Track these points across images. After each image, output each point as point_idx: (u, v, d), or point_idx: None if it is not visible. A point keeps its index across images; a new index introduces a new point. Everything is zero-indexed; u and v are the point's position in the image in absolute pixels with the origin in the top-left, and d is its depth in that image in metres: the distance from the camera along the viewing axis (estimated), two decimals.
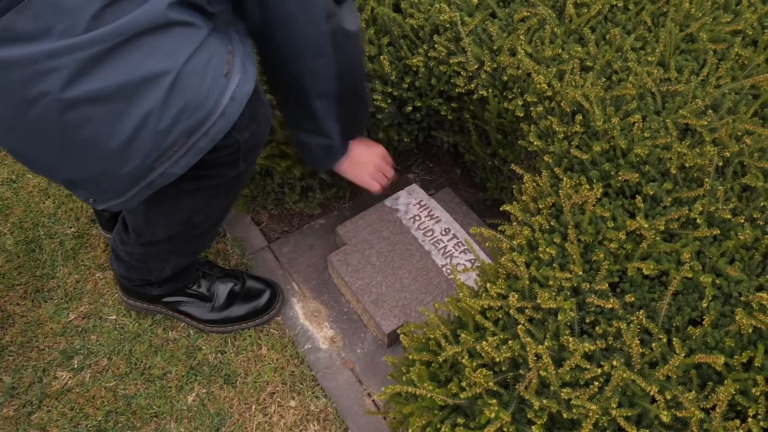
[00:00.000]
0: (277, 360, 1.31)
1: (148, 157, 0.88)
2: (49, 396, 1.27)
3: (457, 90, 1.29)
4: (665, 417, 0.82)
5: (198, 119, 0.88)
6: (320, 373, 1.30)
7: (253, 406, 1.25)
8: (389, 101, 1.32)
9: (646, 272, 0.95)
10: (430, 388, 0.91)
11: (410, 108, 1.35)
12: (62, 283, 1.45)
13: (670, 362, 0.86)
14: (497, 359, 0.89)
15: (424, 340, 1.02)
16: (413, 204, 1.47)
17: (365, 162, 1.30)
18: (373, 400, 1.26)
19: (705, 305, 0.93)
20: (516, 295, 0.96)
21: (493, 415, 0.86)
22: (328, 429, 1.22)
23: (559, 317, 0.93)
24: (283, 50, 1.01)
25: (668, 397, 0.85)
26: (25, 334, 1.37)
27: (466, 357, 0.92)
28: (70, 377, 1.30)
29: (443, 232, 1.42)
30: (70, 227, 1.56)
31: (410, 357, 0.97)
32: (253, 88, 0.95)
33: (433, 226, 1.43)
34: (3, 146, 0.89)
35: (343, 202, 1.61)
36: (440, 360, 0.91)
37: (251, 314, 1.34)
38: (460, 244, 1.40)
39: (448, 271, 1.36)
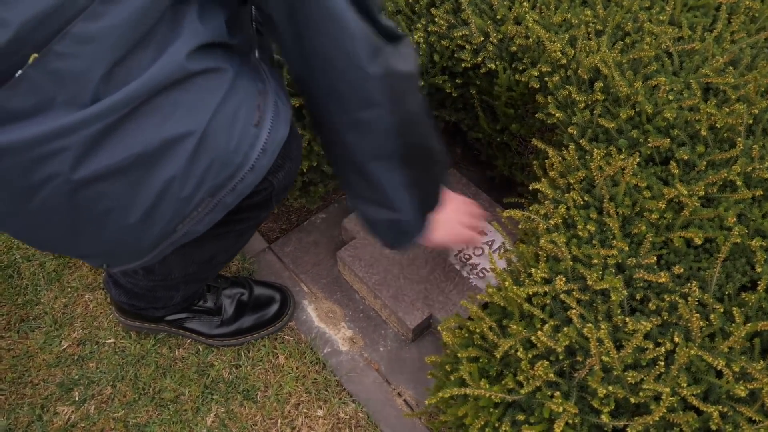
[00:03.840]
0: (297, 368, 1.23)
1: (169, 224, 0.78)
2: None
3: (462, 65, 1.22)
4: (741, 391, 0.79)
5: (224, 178, 0.77)
6: (344, 377, 1.22)
7: (279, 421, 1.17)
8: None
9: (697, 241, 0.91)
10: (487, 386, 0.86)
11: None
12: (49, 309, 1.32)
13: (736, 333, 0.83)
14: (557, 349, 0.84)
15: (466, 335, 0.96)
16: None
17: (450, 222, 1.06)
18: (404, 400, 1.20)
19: (759, 270, 0.89)
20: (563, 278, 0.90)
21: (560, 409, 0.80)
22: None
23: (613, 297, 0.88)
24: (326, 100, 0.82)
25: (736, 369, 0.81)
26: (15, 369, 1.24)
27: (521, 349, 0.86)
28: (72, 411, 1.19)
29: None
30: None
31: (459, 355, 0.90)
32: (287, 133, 0.83)
33: None
34: (3, 231, 0.77)
35: (342, 194, 1.52)
36: (498, 355, 0.85)
37: (264, 323, 1.25)
38: None
39: (466, 256, 1.29)
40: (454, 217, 1.08)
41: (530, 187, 1.04)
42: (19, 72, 0.62)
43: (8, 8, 0.59)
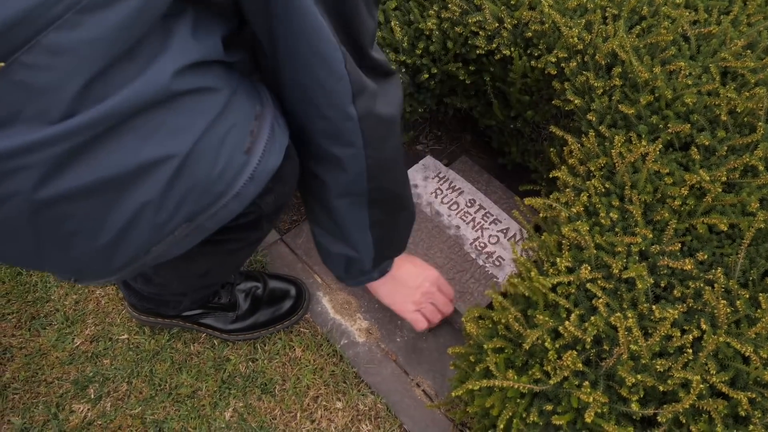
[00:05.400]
0: (314, 361, 1.23)
1: (142, 248, 0.72)
2: None
3: (477, 51, 1.20)
4: None
5: (204, 204, 0.71)
6: (362, 369, 1.22)
7: (298, 414, 1.17)
8: (403, 70, 1.22)
9: (722, 227, 0.91)
10: (515, 378, 0.85)
11: (426, 75, 1.25)
12: (60, 306, 1.31)
13: (763, 319, 0.82)
14: (585, 339, 0.84)
15: (490, 325, 0.95)
16: (432, 177, 1.39)
17: (411, 287, 1.07)
18: (423, 390, 1.19)
19: None
20: (588, 267, 0.90)
21: (590, 399, 0.80)
22: (382, 427, 1.15)
23: (639, 285, 0.88)
24: (302, 130, 0.80)
25: (764, 355, 0.81)
26: (28, 367, 1.23)
27: (549, 340, 0.86)
28: (88, 409, 1.18)
29: (468, 204, 1.35)
30: None
31: (485, 346, 0.90)
32: (280, 160, 0.77)
33: (456, 199, 1.35)
34: None
35: None
36: (526, 347, 0.85)
37: (279, 317, 1.24)
38: (488, 214, 1.33)
39: (482, 245, 1.29)
40: (416, 286, 1.09)
41: (550, 175, 1.03)
42: None
43: None
